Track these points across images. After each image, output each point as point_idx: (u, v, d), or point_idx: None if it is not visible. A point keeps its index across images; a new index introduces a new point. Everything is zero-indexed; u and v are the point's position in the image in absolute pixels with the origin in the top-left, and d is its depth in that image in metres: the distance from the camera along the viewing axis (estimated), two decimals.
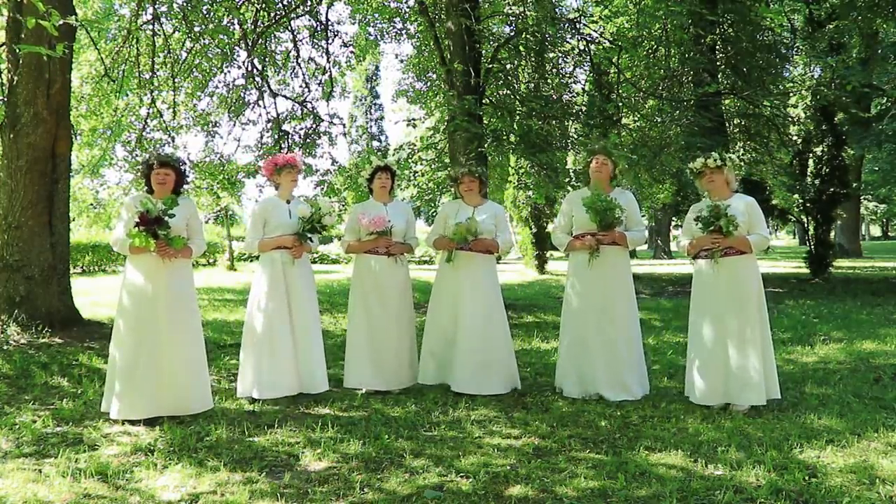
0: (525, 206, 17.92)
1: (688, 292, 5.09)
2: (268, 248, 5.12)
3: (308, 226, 5.10)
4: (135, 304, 4.44)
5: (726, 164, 4.77)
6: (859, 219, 30.38)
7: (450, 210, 5.50)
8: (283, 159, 5.26)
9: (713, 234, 4.62)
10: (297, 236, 5.10)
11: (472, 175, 5.47)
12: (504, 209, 5.95)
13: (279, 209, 5.16)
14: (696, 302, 4.85)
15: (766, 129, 13.54)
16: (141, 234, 4.28)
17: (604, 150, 5.27)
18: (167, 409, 4.46)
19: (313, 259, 26.49)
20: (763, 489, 3.23)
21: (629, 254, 5.33)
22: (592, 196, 4.93)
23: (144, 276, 4.45)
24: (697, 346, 4.79)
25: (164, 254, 4.41)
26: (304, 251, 5.18)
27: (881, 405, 4.74)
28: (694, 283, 4.90)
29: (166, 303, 4.46)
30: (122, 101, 11.59)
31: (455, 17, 9.61)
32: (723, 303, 4.66)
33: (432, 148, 11.66)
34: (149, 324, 4.41)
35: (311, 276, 5.33)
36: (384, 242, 5.30)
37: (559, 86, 11.14)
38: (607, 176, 5.19)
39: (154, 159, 4.63)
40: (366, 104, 50.85)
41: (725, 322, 4.65)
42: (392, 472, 3.51)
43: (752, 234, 4.67)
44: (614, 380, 4.98)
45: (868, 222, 52.38)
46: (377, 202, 5.49)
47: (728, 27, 12.60)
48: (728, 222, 4.55)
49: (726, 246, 4.64)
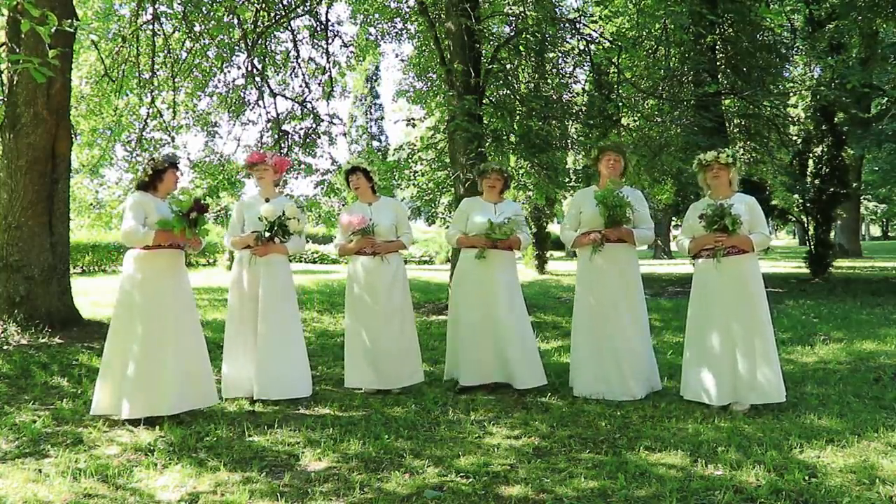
0: (525, 206, 17.92)
1: (688, 292, 5.08)
2: (238, 247, 5.18)
3: (268, 227, 5.01)
4: (153, 300, 4.43)
5: (735, 164, 4.77)
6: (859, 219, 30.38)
7: (471, 207, 5.51)
8: (252, 157, 5.30)
9: (717, 232, 4.61)
10: (257, 236, 5.05)
11: (500, 173, 5.51)
12: (521, 207, 6.00)
13: (253, 208, 5.17)
14: (697, 301, 4.84)
15: (766, 129, 13.54)
16: (187, 221, 4.39)
17: (616, 147, 5.27)
18: (190, 404, 4.50)
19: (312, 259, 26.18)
20: (763, 489, 3.23)
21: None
22: (606, 190, 4.93)
23: (160, 273, 4.48)
24: (697, 346, 4.78)
25: (196, 243, 4.56)
26: (267, 252, 5.06)
27: (881, 405, 4.74)
28: (694, 282, 4.89)
29: (180, 298, 4.54)
30: (122, 101, 11.58)
31: (455, 17, 9.61)
32: (726, 302, 4.65)
33: (432, 148, 11.66)
34: (168, 320, 4.44)
35: (282, 276, 5.15)
36: (367, 242, 5.30)
37: (559, 86, 11.14)
38: (618, 173, 5.19)
39: (175, 157, 4.74)
40: (366, 104, 50.82)
41: (729, 321, 4.64)
42: (392, 472, 3.51)
43: (753, 234, 4.67)
44: (624, 378, 4.97)
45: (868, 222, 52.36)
46: (362, 203, 5.51)
47: (728, 27, 12.60)
48: (733, 221, 4.55)
49: (729, 245, 4.64)
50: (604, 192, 4.94)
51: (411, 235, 5.63)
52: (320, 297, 11.56)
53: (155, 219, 4.45)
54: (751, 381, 4.57)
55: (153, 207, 4.50)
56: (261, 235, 5.03)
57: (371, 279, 5.31)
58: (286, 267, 5.24)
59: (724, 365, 4.65)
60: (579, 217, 5.21)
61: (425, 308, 10.56)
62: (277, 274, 5.11)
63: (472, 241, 5.35)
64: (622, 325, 5.03)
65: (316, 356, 6.63)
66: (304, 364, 5.12)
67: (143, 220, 4.46)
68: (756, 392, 4.57)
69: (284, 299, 5.12)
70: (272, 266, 5.09)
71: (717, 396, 4.66)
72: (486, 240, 5.25)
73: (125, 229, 4.47)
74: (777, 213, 15.33)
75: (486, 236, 5.23)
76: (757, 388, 4.56)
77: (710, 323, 4.71)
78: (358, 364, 5.32)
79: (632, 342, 5.04)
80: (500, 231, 5.18)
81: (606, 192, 4.92)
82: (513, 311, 5.29)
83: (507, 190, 5.68)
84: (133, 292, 4.47)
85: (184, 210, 4.40)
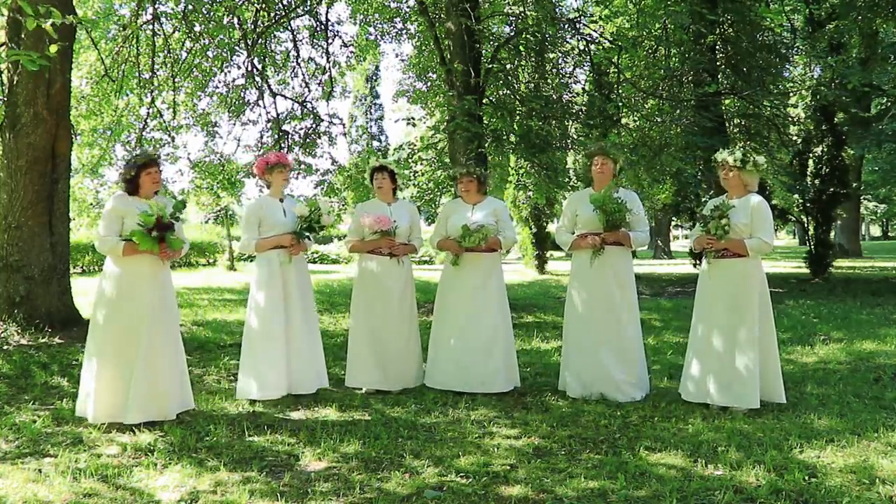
0: (525, 206, 17.91)
1: (688, 292, 5.12)
2: (266, 248, 5.10)
3: (305, 225, 5.10)
4: (133, 307, 4.35)
5: (744, 168, 4.66)
6: (859, 219, 30.36)
7: (450, 210, 5.51)
8: (275, 158, 5.28)
9: (708, 234, 4.63)
10: (294, 235, 5.10)
11: (471, 175, 5.46)
12: (506, 204, 5.96)
13: (273, 208, 5.16)
14: (696, 303, 4.88)
15: (766, 129, 13.52)
16: (150, 238, 4.28)
17: (601, 150, 5.27)
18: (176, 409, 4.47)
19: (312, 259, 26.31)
20: (763, 489, 3.23)
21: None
22: (603, 195, 4.91)
23: (139, 278, 4.39)
24: (693, 346, 4.84)
25: (166, 256, 4.42)
26: (301, 250, 5.17)
27: (881, 405, 4.74)
28: (698, 282, 4.93)
29: (160, 303, 4.44)
30: (122, 101, 11.58)
31: (455, 17, 9.60)
32: (715, 304, 4.68)
33: (432, 148, 11.66)
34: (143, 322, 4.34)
35: (308, 275, 5.33)
36: (387, 243, 5.29)
37: (559, 86, 11.13)
38: (610, 176, 5.17)
39: (145, 157, 4.54)
40: (366, 104, 50.79)
41: (717, 323, 4.66)
42: (392, 472, 3.51)
43: (752, 238, 4.62)
44: (615, 381, 4.97)
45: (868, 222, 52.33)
46: (381, 202, 5.48)
47: (728, 27, 12.59)
48: (716, 226, 4.53)
49: (721, 248, 4.62)
50: (602, 196, 4.90)
51: (422, 239, 5.63)
52: (320, 297, 11.57)
53: (133, 222, 4.35)
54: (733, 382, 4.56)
55: (132, 211, 4.38)
56: (299, 234, 5.08)
57: (384, 280, 5.31)
58: (307, 264, 5.39)
59: (711, 366, 4.65)
60: (575, 219, 5.19)
61: (425, 308, 10.55)
62: (305, 271, 5.28)
63: (448, 245, 5.34)
64: (615, 326, 5.02)
65: None
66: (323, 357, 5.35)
67: (121, 225, 4.39)
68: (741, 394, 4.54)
69: (312, 296, 5.34)
70: (301, 263, 5.23)
71: (706, 396, 4.67)
72: (457, 246, 5.24)
73: (98, 240, 4.47)
74: (777, 213, 15.32)
75: (458, 243, 5.23)
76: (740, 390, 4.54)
77: (707, 324, 4.73)
78: (363, 364, 5.30)
79: (624, 342, 5.03)
80: (469, 240, 5.15)
81: (604, 197, 4.89)
82: (491, 312, 5.26)
83: (483, 189, 5.58)
84: (104, 293, 4.41)
85: (147, 226, 4.31)
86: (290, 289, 5.09)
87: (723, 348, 4.62)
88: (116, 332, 4.36)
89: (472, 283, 5.28)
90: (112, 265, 4.45)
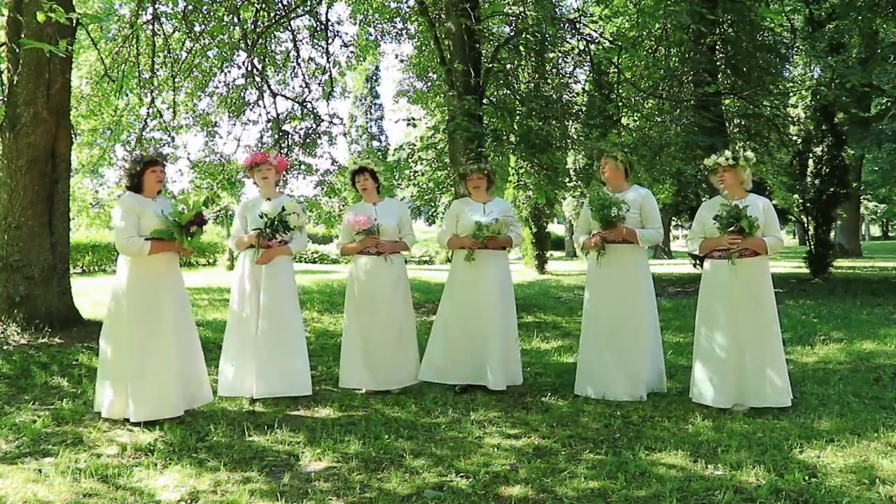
0: (525, 206, 17.91)
1: (688, 292, 5.10)
2: (241, 247, 5.19)
3: (269, 224, 5.03)
4: (149, 301, 4.41)
5: (738, 164, 4.67)
6: (859, 219, 30.35)
7: (459, 208, 5.52)
8: (253, 158, 5.31)
9: (732, 234, 4.57)
10: (259, 233, 5.06)
11: (481, 172, 5.50)
12: (511, 204, 6.00)
13: (255, 208, 5.18)
14: (707, 303, 4.77)
15: (766, 129, 13.52)
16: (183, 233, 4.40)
17: (600, 152, 5.30)
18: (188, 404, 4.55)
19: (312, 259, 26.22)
20: (763, 489, 3.23)
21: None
22: (591, 195, 4.98)
23: (155, 274, 4.46)
24: (707, 349, 4.72)
25: (186, 253, 4.56)
26: (270, 259, 5.07)
27: (881, 405, 4.74)
28: (704, 283, 4.82)
29: (175, 298, 4.55)
30: (122, 101, 11.59)
31: (455, 17, 9.60)
32: (736, 304, 4.61)
33: (432, 148, 11.66)
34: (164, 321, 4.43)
35: (285, 275, 5.16)
36: (372, 242, 5.29)
37: (559, 86, 11.13)
38: (617, 175, 5.17)
39: (150, 156, 4.56)
40: (366, 104, 50.80)
41: (738, 323, 4.60)
42: (392, 472, 3.51)
43: (767, 236, 4.64)
44: (629, 380, 4.95)
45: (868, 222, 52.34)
46: (366, 203, 5.51)
47: (728, 27, 12.59)
48: (750, 224, 4.51)
49: (744, 247, 4.61)
50: (590, 196, 4.99)
51: (414, 237, 5.61)
52: (320, 297, 11.56)
53: (147, 221, 4.40)
54: (757, 384, 4.55)
55: (143, 210, 4.43)
56: (262, 232, 5.04)
57: (373, 280, 5.30)
58: (289, 266, 5.24)
59: (730, 367, 4.61)
60: (589, 220, 5.20)
61: (425, 308, 10.56)
62: (279, 273, 5.12)
63: (462, 242, 5.35)
64: (630, 327, 5.01)
65: (316, 356, 6.62)
66: (304, 363, 5.11)
67: (136, 224, 4.41)
68: (759, 396, 4.54)
69: (286, 298, 5.13)
70: (274, 265, 5.10)
71: (724, 399, 4.61)
72: (474, 241, 5.25)
73: (122, 241, 4.38)
74: (777, 213, 15.30)
75: (473, 237, 5.23)
76: (761, 391, 4.53)
77: (719, 324, 4.67)
78: (353, 365, 5.32)
79: (639, 343, 5.02)
80: (487, 231, 5.18)
81: (592, 197, 4.97)
82: (500, 310, 5.28)
83: (493, 187, 5.67)
84: (129, 293, 4.42)
85: (183, 222, 4.37)
86: (257, 288, 5.07)
87: (754, 348, 4.57)
88: (154, 328, 4.40)
89: (488, 280, 5.29)
90: (134, 266, 4.43)
